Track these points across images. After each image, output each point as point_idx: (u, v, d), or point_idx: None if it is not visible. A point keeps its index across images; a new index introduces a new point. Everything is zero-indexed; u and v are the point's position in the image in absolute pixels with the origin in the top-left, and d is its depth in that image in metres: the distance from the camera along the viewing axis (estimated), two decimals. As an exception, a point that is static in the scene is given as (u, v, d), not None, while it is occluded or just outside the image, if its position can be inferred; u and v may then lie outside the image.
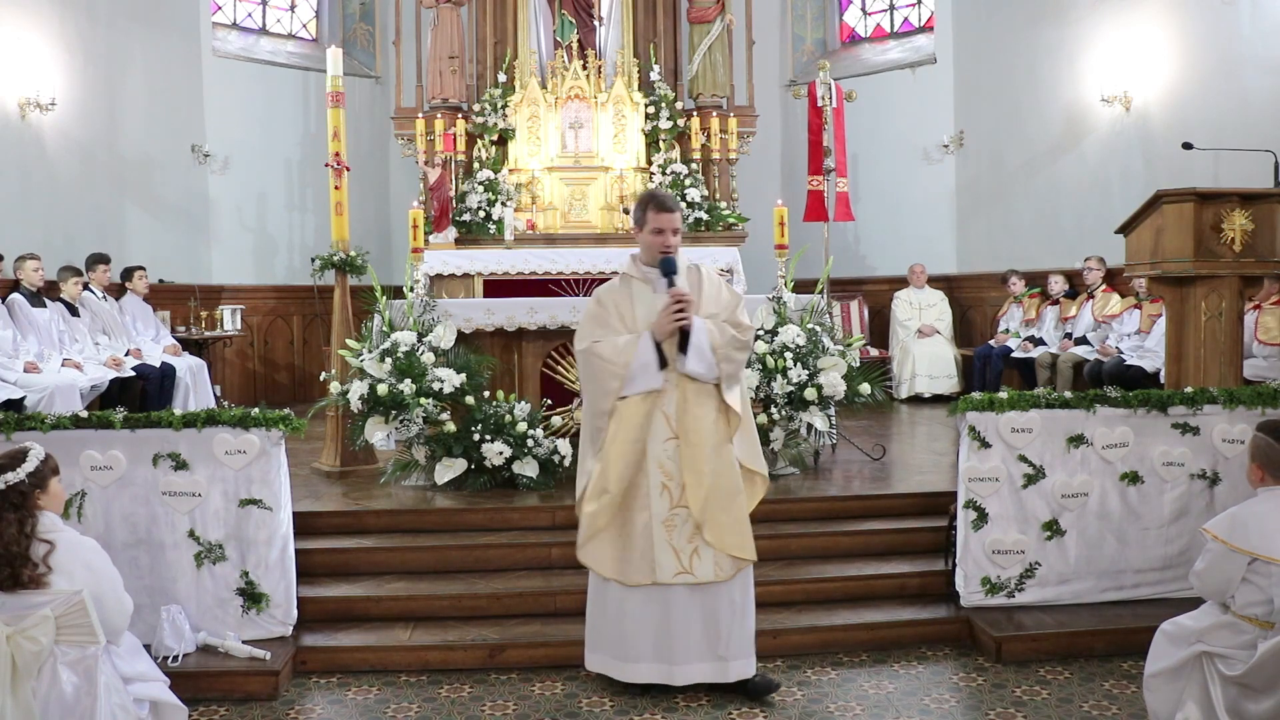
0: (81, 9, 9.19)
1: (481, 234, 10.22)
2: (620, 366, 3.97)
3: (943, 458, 6.73)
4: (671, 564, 4.02)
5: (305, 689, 4.37)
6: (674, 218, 4.06)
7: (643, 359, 3.96)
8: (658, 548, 4.01)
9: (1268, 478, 3.55)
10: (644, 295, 4.09)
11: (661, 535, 4.02)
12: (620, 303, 4.10)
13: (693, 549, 4.03)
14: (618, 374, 3.97)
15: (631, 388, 3.97)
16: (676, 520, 4.02)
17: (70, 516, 4.30)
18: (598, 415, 4.06)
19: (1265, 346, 7.14)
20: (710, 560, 4.03)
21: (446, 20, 10.44)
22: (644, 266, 4.14)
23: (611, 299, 4.13)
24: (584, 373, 4.12)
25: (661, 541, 4.02)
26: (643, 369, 3.96)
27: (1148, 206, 5.82)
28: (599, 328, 4.07)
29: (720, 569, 4.03)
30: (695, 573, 4.02)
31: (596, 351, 4.01)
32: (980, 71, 10.90)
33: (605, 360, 3.99)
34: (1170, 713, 3.50)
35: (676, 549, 4.02)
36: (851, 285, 11.40)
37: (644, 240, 4.11)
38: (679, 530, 4.02)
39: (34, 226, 8.52)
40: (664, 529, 4.02)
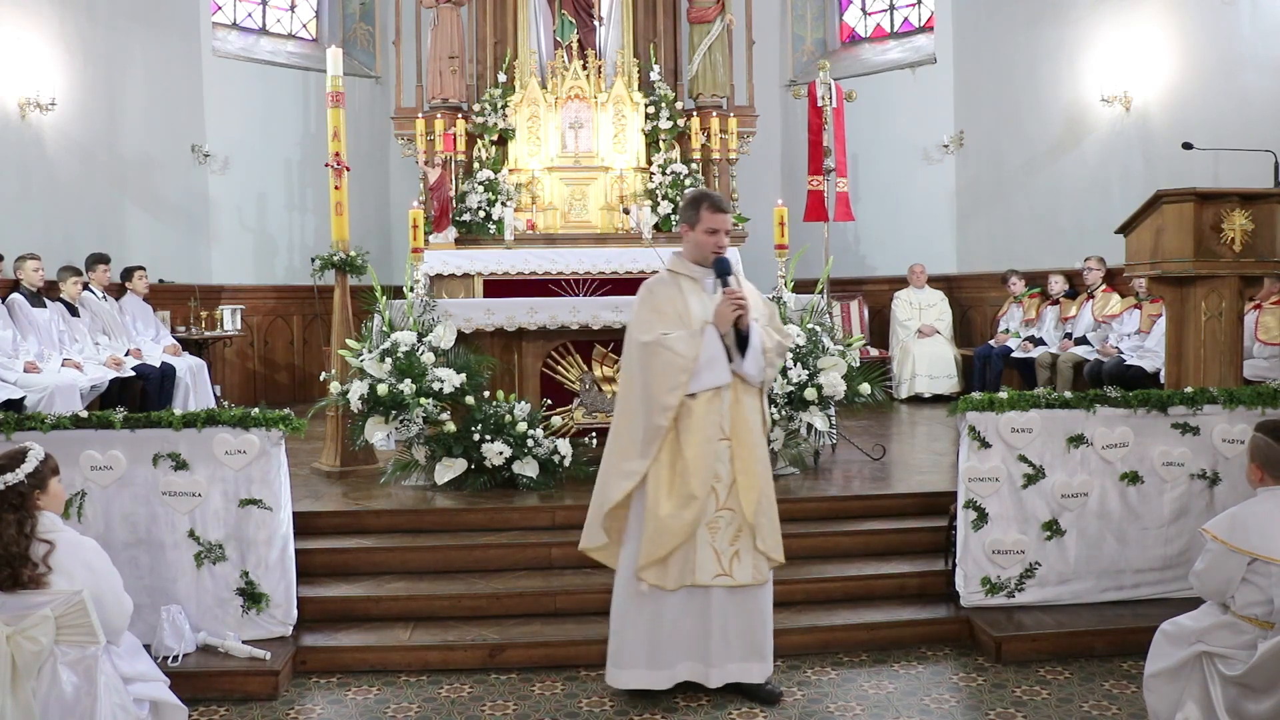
0: (81, 9, 9.19)
1: (481, 234, 10.22)
2: (690, 360, 3.86)
3: (943, 458, 6.73)
4: (712, 566, 3.98)
5: (305, 689, 4.37)
6: (727, 219, 4.04)
7: (710, 352, 3.87)
8: (700, 549, 3.96)
9: (1267, 477, 3.55)
10: (695, 291, 4.03)
11: (705, 537, 3.97)
12: (672, 297, 4.01)
13: (734, 551, 4.00)
14: (686, 368, 3.86)
15: (698, 383, 3.88)
16: (720, 522, 3.99)
17: (70, 516, 4.30)
18: (659, 412, 3.88)
19: (1265, 346, 7.14)
20: (749, 564, 4.01)
21: (446, 20, 10.43)
22: (691, 264, 4.07)
23: (664, 292, 4.03)
24: (647, 366, 3.91)
25: (704, 543, 3.97)
26: (710, 363, 3.87)
27: (1148, 206, 5.82)
28: (658, 319, 3.95)
29: (758, 572, 4.03)
30: (734, 575, 4.00)
31: (667, 344, 3.87)
32: (980, 71, 10.90)
33: (675, 353, 3.86)
34: (1170, 713, 3.50)
35: (718, 551, 3.99)
36: (851, 285, 11.40)
37: (695, 239, 4.04)
38: (722, 532, 3.99)
39: (34, 226, 8.52)
40: (708, 530, 3.97)
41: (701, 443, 3.90)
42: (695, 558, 3.96)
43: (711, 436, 3.92)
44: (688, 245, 4.11)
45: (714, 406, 3.93)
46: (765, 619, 4.13)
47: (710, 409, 3.92)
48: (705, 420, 3.91)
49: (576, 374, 6.43)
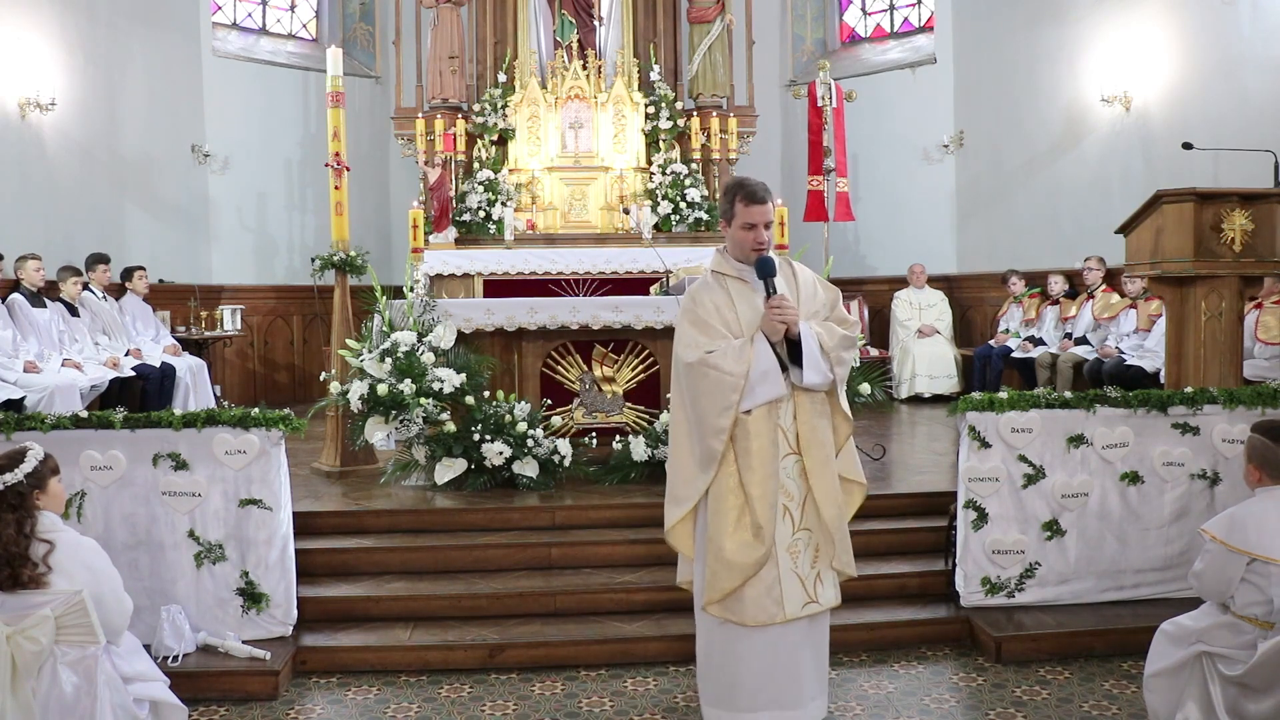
0: (81, 9, 9.19)
1: (481, 234, 10.22)
2: (739, 377, 3.45)
3: (943, 458, 6.73)
4: (799, 595, 3.58)
5: (305, 689, 4.37)
6: (765, 210, 3.56)
7: (762, 366, 3.47)
8: (785, 579, 3.55)
9: (1265, 478, 3.55)
10: (744, 294, 3.61)
11: (787, 563, 3.56)
12: (719, 303, 3.59)
13: (816, 574, 3.62)
14: (737, 385, 3.46)
15: (752, 399, 3.48)
16: (799, 545, 3.60)
17: (70, 516, 4.30)
18: (712, 435, 3.49)
19: (1265, 346, 7.14)
20: (832, 584, 3.67)
21: (446, 20, 10.43)
22: (736, 262, 3.64)
23: (709, 299, 3.60)
24: (694, 387, 3.53)
25: (788, 570, 3.56)
26: (763, 377, 3.48)
27: (1148, 206, 5.82)
28: (702, 333, 3.54)
29: (838, 591, 3.71)
30: (820, 600, 3.62)
31: (713, 363, 3.47)
32: (980, 71, 10.90)
33: (722, 371, 3.46)
34: (1170, 713, 3.50)
35: (802, 577, 3.59)
36: (851, 285, 11.38)
37: (733, 235, 3.62)
38: (803, 555, 3.61)
39: (34, 226, 8.52)
40: (789, 556, 3.57)
41: (764, 464, 3.51)
42: (781, 590, 3.54)
43: (775, 455, 3.53)
44: (729, 242, 3.69)
45: (772, 421, 3.54)
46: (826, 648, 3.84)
47: (768, 425, 3.53)
48: (765, 438, 3.52)
49: (576, 374, 6.43)
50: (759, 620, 3.53)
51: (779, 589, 3.54)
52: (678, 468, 3.66)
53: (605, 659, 4.54)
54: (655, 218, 10.21)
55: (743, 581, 3.51)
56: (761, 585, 3.53)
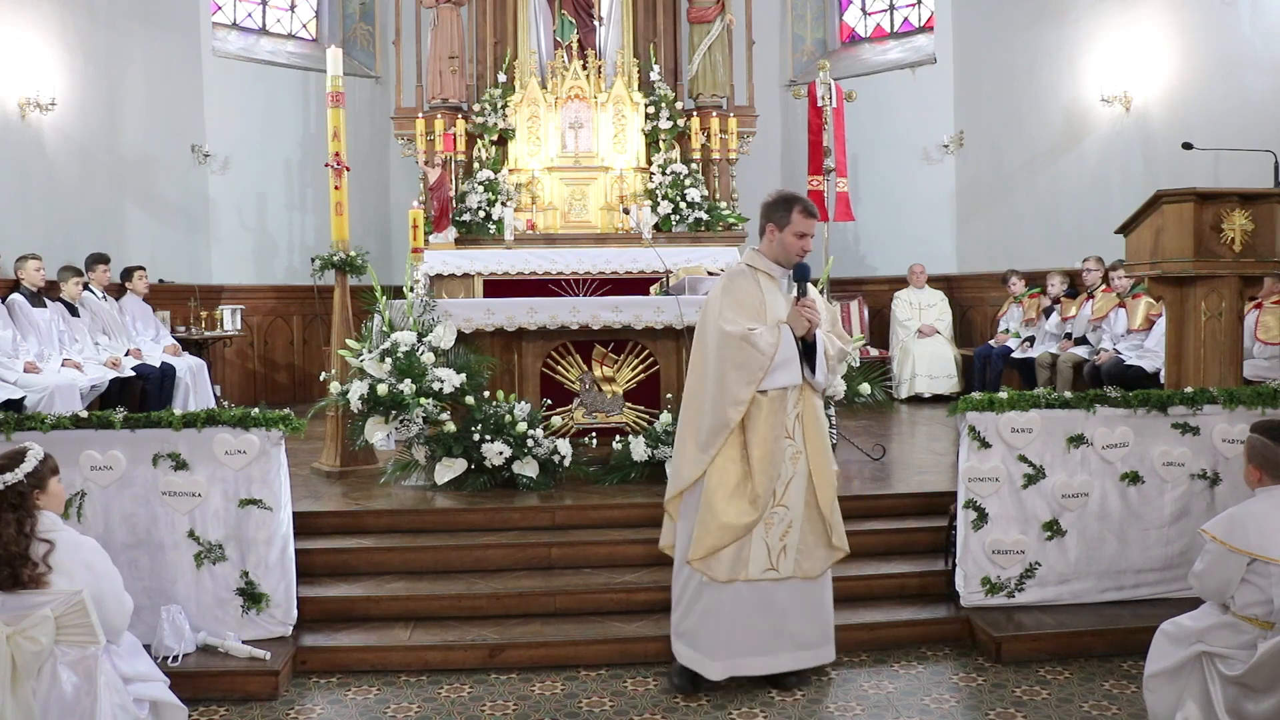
0: (81, 9, 9.19)
1: (481, 234, 10.22)
2: (768, 357, 3.93)
3: (943, 458, 6.73)
4: (763, 560, 4.08)
5: (305, 689, 4.37)
6: (815, 224, 4.13)
7: (786, 354, 3.96)
8: (754, 544, 4.06)
9: (1265, 478, 3.55)
10: (771, 289, 4.09)
11: (760, 532, 4.06)
12: (751, 292, 4.07)
13: (781, 547, 4.10)
14: (764, 365, 3.93)
15: (771, 381, 3.95)
16: (774, 519, 4.08)
17: (70, 516, 4.30)
18: (731, 405, 3.95)
19: (1265, 346, 7.14)
20: (793, 559, 4.12)
21: (446, 20, 10.43)
22: (769, 262, 4.12)
23: (744, 285, 4.09)
24: (726, 357, 3.96)
25: (759, 538, 4.06)
26: (785, 364, 3.96)
27: (1148, 206, 5.82)
28: (741, 312, 4.01)
29: (800, 567, 4.12)
30: (779, 569, 4.10)
31: (752, 339, 3.93)
32: (980, 71, 10.90)
33: (757, 349, 3.92)
34: (1170, 713, 3.50)
35: (769, 546, 4.09)
36: (851, 285, 11.40)
37: (781, 240, 4.07)
38: (775, 528, 4.08)
39: (34, 226, 8.51)
40: (763, 526, 4.06)
41: (769, 441, 3.99)
42: (749, 553, 4.05)
43: (779, 435, 4.01)
44: (771, 244, 4.12)
45: (781, 406, 4.01)
46: (825, 608, 4.25)
47: (778, 408, 4.00)
48: (773, 419, 3.99)
49: (576, 374, 6.43)
50: (727, 576, 4.04)
51: (748, 550, 4.05)
52: (690, 439, 4.07)
53: (605, 659, 4.54)
54: (655, 218, 10.21)
55: (732, 541, 4.01)
56: (734, 546, 4.03)
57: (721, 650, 4.11)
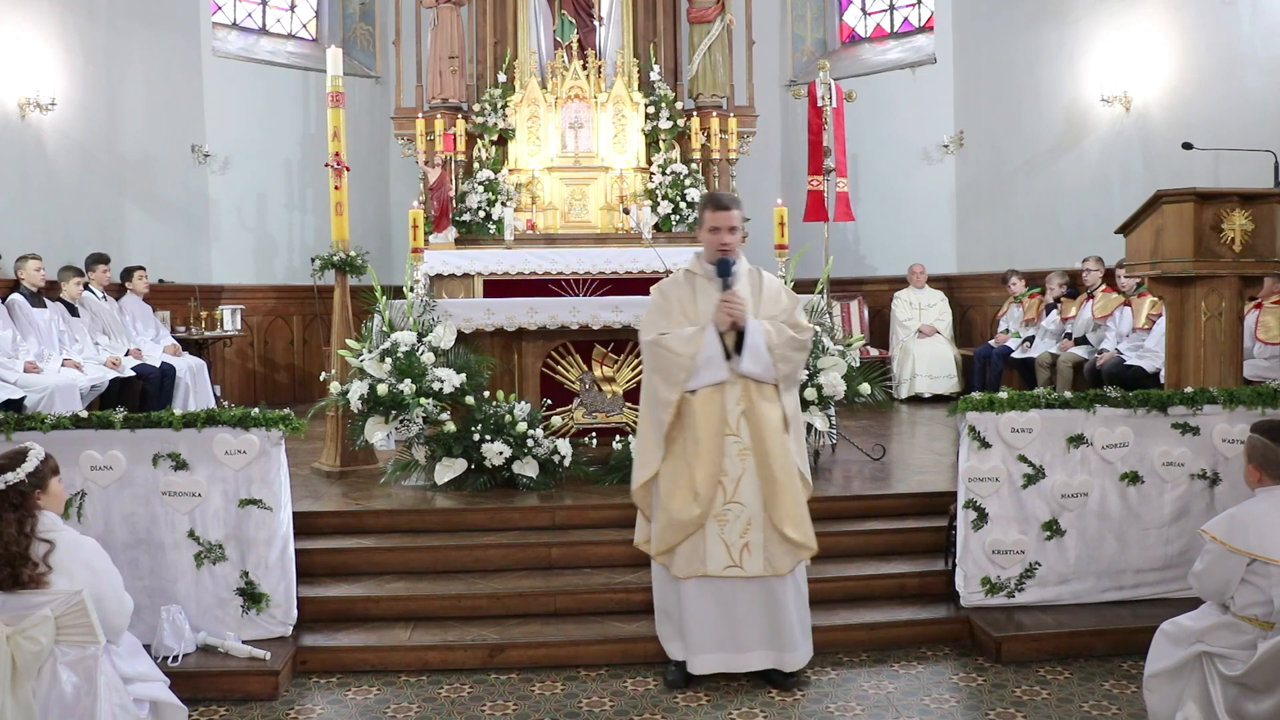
0: (81, 9, 9.19)
1: (481, 234, 10.22)
2: (687, 359, 4.04)
3: (943, 458, 6.73)
4: (721, 557, 4.10)
5: (305, 689, 4.37)
6: (729, 215, 4.14)
7: (708, 352, 4.03)
8: (710, 541, 4.09)
9: (1265, 478, 3.55)
10: (707, 290, 4.16)
11: (714, 529, 4.10)
12: (683, 297, 4.18)
13: (744, 544, 4.11)
14: (684, 366, 4.04)
15: (697, 380, 4.04)
16: (729, 515, 4.10)
17: (70, 516, 4.30)
18: (661, 407, 4.11)
19: (1265, 346, 7.14)
20: (760, 556, 4.10)
21: (446, 20, 10.43)
22: (706, 264, 4.22)
23: (675, 293, 4.21)
24: (650, 364, 4.18)
25: (714, 535, 4.10)
26: (708, 362, 4.03)
27: (1148, 206, 5.82)
28: (663, 319, 4.15)
29: (770, 565, 4.11)
30: (745, 567, 4.10)
31: (664, 344, 4.08)
32: (980, 71, 10.90)
33: (672, 352, 4.06)
34: (1170, 713, 3.50)
35: (728, 543, 4.10)
36: (851, 285, 11.40)
37: (705, 239, 4.21)
38: (731, 525, 4.10)
39: (34, 226, 8.51)
40: (716, 523, 4.10)
41: (705, 438, 4.05)
42: (705, 549, 4.10)
43: (716, 432, 4.05)
44: (702, 245, 4.27)
45: (715, 403, 4.05)
46: (793, 609, 4.20)
47: (710, 406, 4.05)
48: (706, 416, 4.05)
49: (576, 374, 6.43)
50: (685, 573, 4.12)
51: (704, 548, 4.10)
52: (642, 440, 4.23)
53: (605, 659, 4.54)
54: (655, 218, 10.21)
55: (684, 538, 4.09)
56: (689, 544, 4.10)
57: (699, 644, 4.18)
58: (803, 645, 4.27)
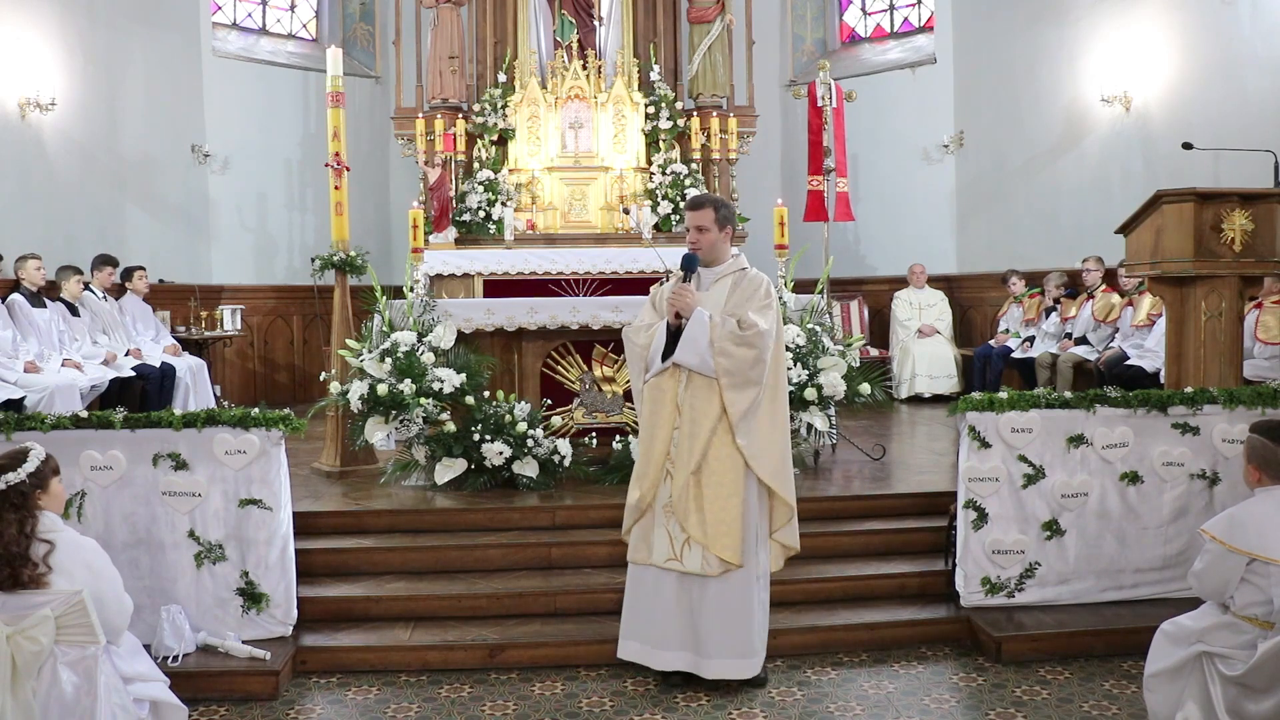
0: (81, 9, 9.19)
1: (481, 234, 10.22)
2: (643, 349, 4.21)
3: (943, 458, 6.73)
4: (664, 548, 4.13)
5: (305, 689, 4.37)
6: (698, 215, 4.26)
7: (658, 343, 4.16)
8: (656, 530, 4.15)
9: (1264, 478, 3.55)
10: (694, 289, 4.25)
11: (662, 519, 4.14)
12: (665, 294, 4.27)
13: (685, 538, 4.10)
14: (642, 356, 4.23)
15: (650, 370, 4.19)
16: (676, 507, 4.12)
17: (70, 516, 4.30)
18: (635, 395, 4.34)
19: (1265, 346, 7.14)
20: (699, 553, 4.07)
21: (446, 20, 10.43)
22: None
23: (661, 291, 4.34)
24: (626, 354, 4.40)
25: (660, 525, 4.14)
26: (656, 352, 4.16)
27: (1148, 206, 5.82)
28: (650, 313, 4.33)
29: (708, 564, 4.06)
30: (684, 562, 4.11)
31: (628, 335, 4.32)
32: (980, 71, 10.90)
33: (633, 342, 4.28)
34: (1170, 713, 3.50)
35: (671, 535, 4.13)
36: (851, 285, 11.40)
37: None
38: (675, 518, 4.12)
39: (34, 226, 8.51)
40: (664, 513, 4.14)
41: (658, 425, 4.15)
42: (652, 537, 4.16)
43: (665, 421, 4.14)
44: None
45: (663, 392, 4.16)
46: (743, 614, 4.10)
47: (657, 394, 4.18)
48: (663, 405, 4.16)
49: (576, 374, 6.43)
50: (634, 558, 4.21)
51: (651, 537, 4.17)
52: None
53: (605, 659, 4.53)
54: (655, 218, 10.21)
55: (635, 520, 4.19)
56: (640, 530, 4.19)
57: (627, 629, 4.24)
58: (749, 657, 4.14)
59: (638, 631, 4.23)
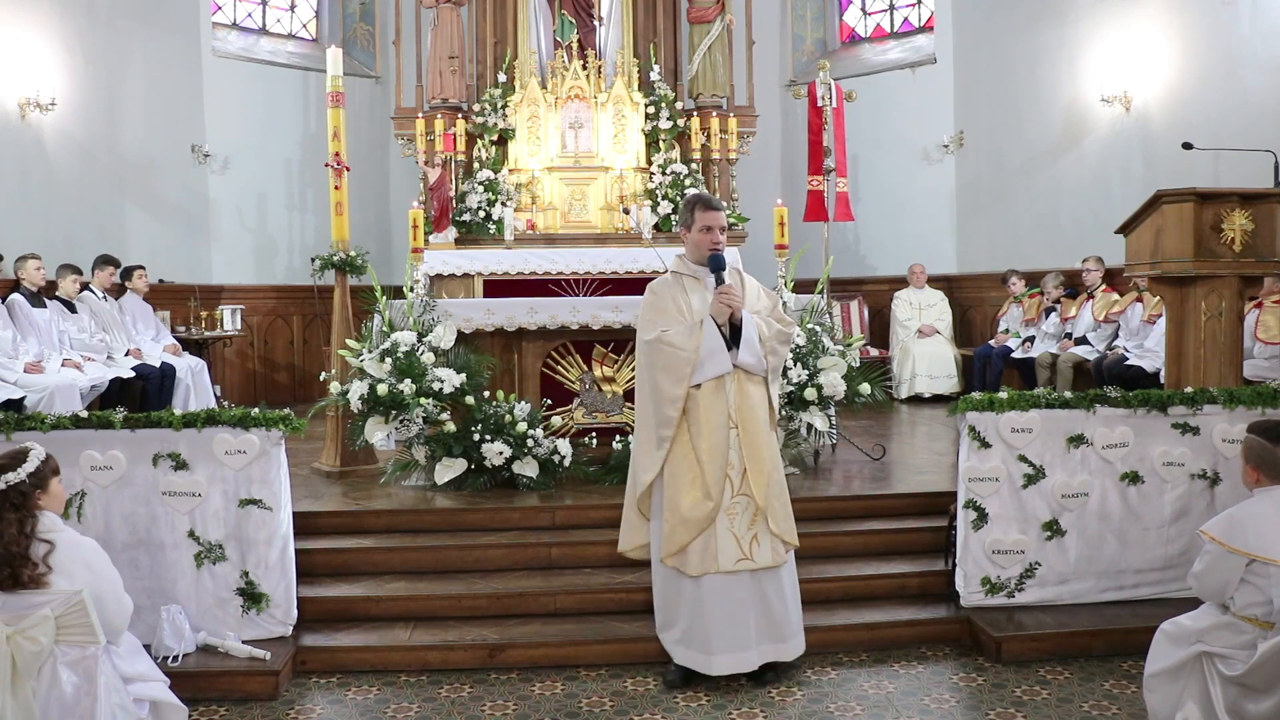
0: (81, 9, 9.19)
1: (481, 234, 10.22)
2: (690, 352, 4.08)
3: (943, 458, 6.73)
4: (733, 551, 4.12)
5: (305, 689, 4.37)
6: (720, 216, 4.26)
7: (710, 344, 4.08)
8: (721, 536, 4.11)
9: (1263, 478, 3.55)
10: (697, 288, 4.25)
11: (724, 523, 4.12)
12: (676, 295, 4.24)
13: (752, 535, 4.14)
14: (689, 360, 4.08)
15: (702, 373, 4.08)
16: (737, 508, 4.14)
17: (70, 516, 4.30)
18: (668, 404, 4.11)
19: (1265, 346, 7.14)
20: (768, 546, 4.16)
21: (446, 20, 10.43)
22: (692, 264, 4.30)
23: (666, 291, 4.27)
24: (652, 362, 4.17)
25: (724, 529, 4.12)
26: (711, 354, 4.07)
27: (1148, 206, 5.82)
28: (661, 318, 4.19)
29: (776, 554, 4.18)
30: (755, 559, 4.14)
31: (667, 340, 4.12)
32: (980, 71, 10.90)
33: (677, 347, 4.09)
34: (1170, 713, 3.50)
35: (737, 536, 4.13)
36: (851, 285, 11.40)
37: (692, 239, 4.29)
38: (740, 518, 4.14)
39: (34, 226, 8.52)
40: (726, 517, 4.13)
41: (712, 433, 4.09)
42: (716, 544, 4.11)
43: (721, 425, 4.10)
44: (688, 246, 4.35)
45: (720, 396, 4.11)
46: (791, 598, 4.29)
47: (716, 399, 4.10)
48: (713, 410, 4.09)
49: (576, 374, 6.43)
50: (698, 570, 4.12)
51: (715, 544, 4.10)
52: (642, 444, 4.25)
53: (605, 659, 4.54)
54: (655, 218, 10.21)
55: (697, 534, 4.09)
56: (701, 540, 4.10)
57: (716, 644, 4.16)
58: (800, 634, 4.34)
59: (714, 643, 4.15)
